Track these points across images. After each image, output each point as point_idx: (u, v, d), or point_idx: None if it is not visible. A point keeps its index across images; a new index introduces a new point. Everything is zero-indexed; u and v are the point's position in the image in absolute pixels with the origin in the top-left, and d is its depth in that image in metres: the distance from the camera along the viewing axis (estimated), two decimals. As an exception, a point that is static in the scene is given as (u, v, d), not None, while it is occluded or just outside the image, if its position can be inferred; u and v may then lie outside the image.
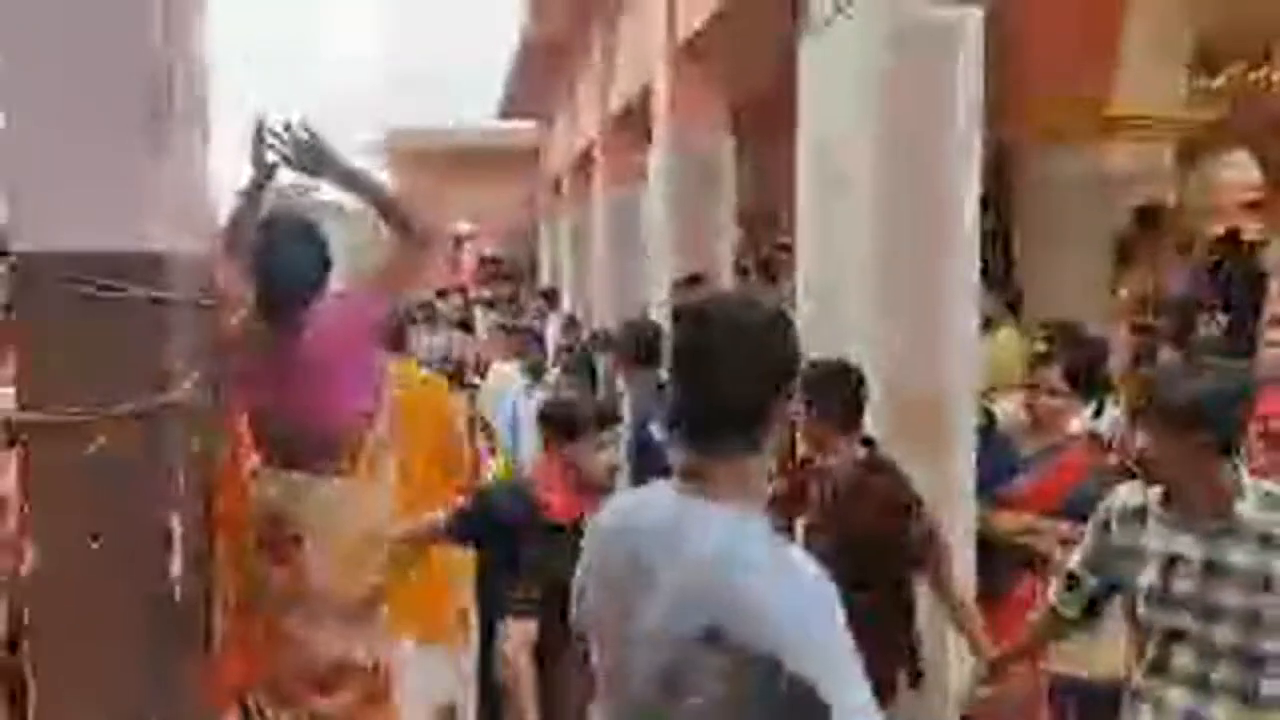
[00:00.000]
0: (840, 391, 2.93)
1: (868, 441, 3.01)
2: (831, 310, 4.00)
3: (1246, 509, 2.02)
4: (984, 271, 4.10)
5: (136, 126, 2.08)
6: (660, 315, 6.07)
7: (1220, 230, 7.78)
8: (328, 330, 2.67)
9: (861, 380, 2.96)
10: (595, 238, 10.86)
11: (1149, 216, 6.46)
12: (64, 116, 2.05)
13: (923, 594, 3.02)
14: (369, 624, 2.78)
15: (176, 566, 2.23)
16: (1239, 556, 2.02)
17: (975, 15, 3.72)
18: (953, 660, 3.26)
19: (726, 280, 6.93)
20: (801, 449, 3.12)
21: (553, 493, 2.72)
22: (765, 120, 6.85)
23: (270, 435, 2.74)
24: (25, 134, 2.06)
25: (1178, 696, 2.09)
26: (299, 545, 2.68)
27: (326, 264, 2.75)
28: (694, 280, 5.66)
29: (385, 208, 2.77)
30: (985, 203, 3.86)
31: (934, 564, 2.90)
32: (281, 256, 2.64)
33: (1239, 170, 8.15)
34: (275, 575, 2.70)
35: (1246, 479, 2.06)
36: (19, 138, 2.07)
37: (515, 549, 2.59)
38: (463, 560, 3.17)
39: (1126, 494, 2.23)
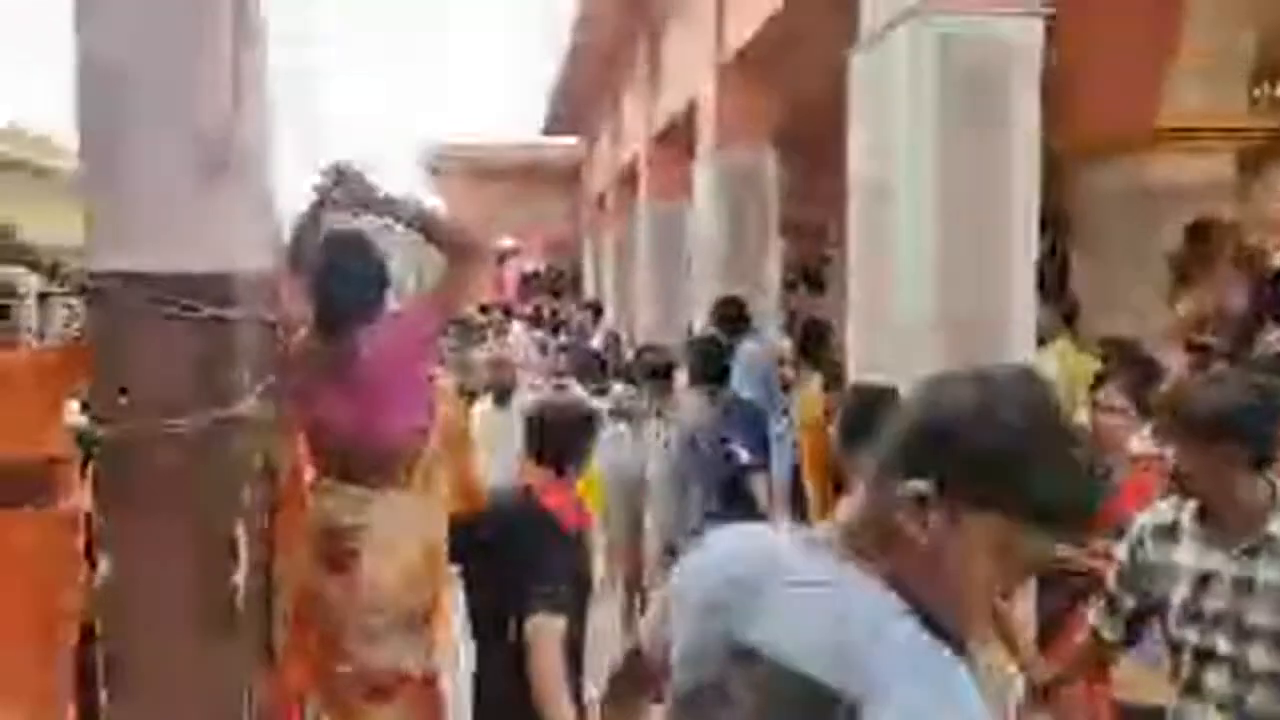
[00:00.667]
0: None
1: None
2: (884, 324, 3.97)
3: (1278, 526, 1.98)
4: (1039, 285, 4.06)
5: (209, 147, 2.13)
6: (702, 328, 6.08)
7: (1280, 242, 7.60)
8: (384, 347, 2.71)
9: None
10: (639, 252, 10.89)
11: (1204, 231, 6.33)
12: (139, 138, 2.10)
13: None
14: (423, 636, 2.80)
15: (240, 576, 2.26)
16: (1271, 574, 1.97)
17: (1034, 27, 3.69)
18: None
19: (773, 293, 6.91)
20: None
21: (550, 496, 2.85)
22: (812, 132, 6.83)
23: (328, 450, 2.78)
24: (102, 155, 2.12)
25: (1213, 718, 2.04)
26: (356, 558, 2.71)
27: (384, 282, 2.81)
28: (730, 302, 5.65)
29: (432, 232, 2.81)
30: (1041, 217, 3.83)
31: None
32: (340, 275, 2.70)
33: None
34: (331, 587, 2.73)
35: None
36: (96, 160, 2.13)
37: (532, 551, 2.67)
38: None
39: (1160, 510, 2.19)
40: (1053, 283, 7.22)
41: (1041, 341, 5.62)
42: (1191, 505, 2.12)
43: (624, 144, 12.29)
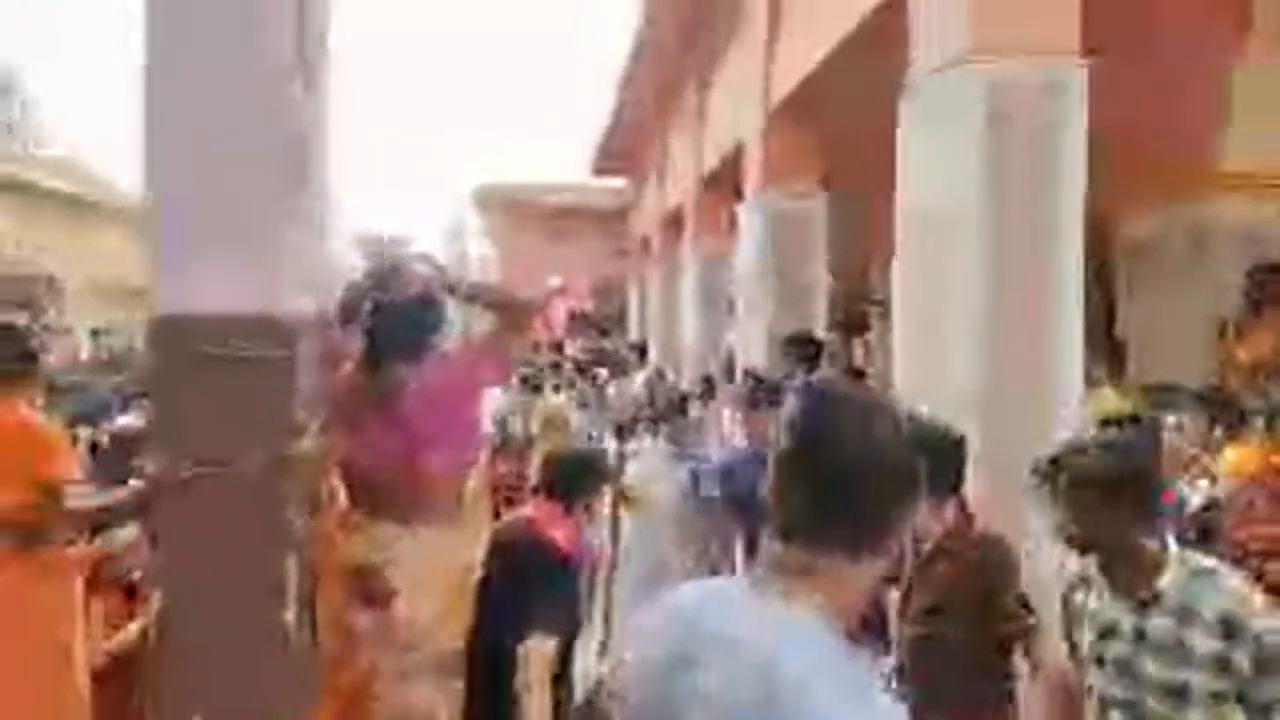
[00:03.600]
0: (944, 458, 2.87)
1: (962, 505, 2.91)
2: (931, 368, 3.95)
3: (1168, 581, 2.05)
4: (1086, 331, 4.02)
5: (274, 194, 2.20)
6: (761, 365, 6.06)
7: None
8: (430, 387, 2.75)
9: (962, 444, 2.88)
10: (684, 295, 10.94)
11: (1264, 276, 6.23)
12: (208, 184, 2.18)
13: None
14: (454, 680, 2.79)
15: (290, 614, 2.29)
16: (1160, 627, 2.04)
17: (1079, 73, 3.68)
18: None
19: (820, 335, 6.90)
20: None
21: (553, 528, 2.97)
22: (858, 177, 6.84)
23: (363, 484, 2.81)
24: (172, 201, 2.19)
25: None
26: (391, 595, 2.72)
27: (434, 324, 2.85)
28: (806, 340, 5.60)
29: (483, 302, 2.92)
30: (1088, 262, 3.80)
31: (1027, 639, 2.80)
32: (391, 313, 2.75)
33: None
34: (364, 624, 2.74)
35: (1173, 550, 2.09)
36: (167, 205, 2.20)
37: (531, 578, 2.80)
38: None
39: (1079, 559, 2.26)
40: (1098, 329, 7.15)
41: (1094, 385, 5.56)
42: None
43: (671, 186, 12.39)
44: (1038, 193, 3.66)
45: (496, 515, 4.03)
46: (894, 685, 2.85)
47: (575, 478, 3.10)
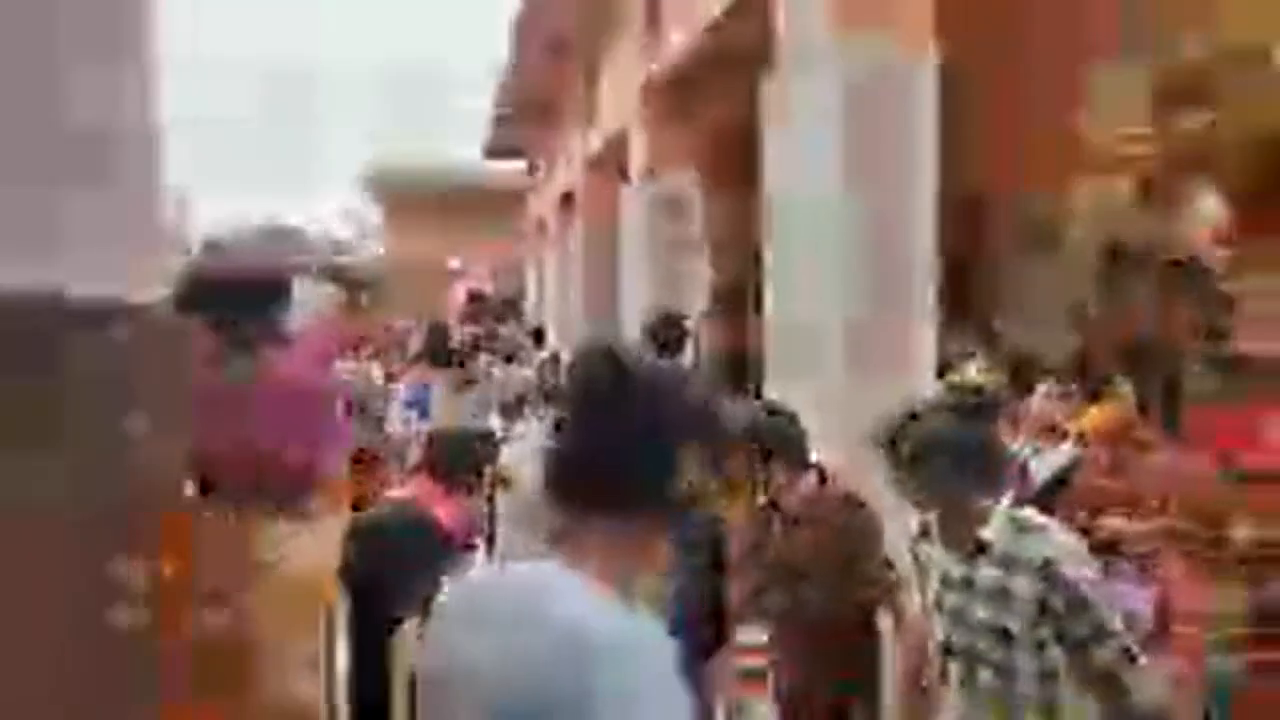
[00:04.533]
0: (789, 433, 2.98)
1: (821, 474, 3.04)
2: (798, 348, 4.07)
3: (993, 533, 2.22)
4: (956, 311, 4.22)
5: (53, 183, 2.11)
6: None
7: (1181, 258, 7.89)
8: (285, 370, 2.71)
9: (796, 419, 3.03)
10: (575, 275, 10.97)
11: (1116, 254, 6.59)
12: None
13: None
14: (316, 674, 2.78)
15: (125, 617, 2.24)
16: (987, 575, 2.22)
17: (930, 61, 3.82)
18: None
19: (696, 316, 7.03)
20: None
21: (437, 507, 2.97)
22: (737, 158, 6.97)
23: (221, 480, 2.76)
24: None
25: (954, 704, 2.33)
26: (246, 592, 2.68)
27: (285, 307, 2.79)
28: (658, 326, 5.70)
29: (337, 279, 2.86)
30: (956, 242, 3.99)
31: (890, 597, 2.91)
32: (239, 298, 2.68)
33: (1207, 204, 8.24)
34: (215, 623, 2.68)
35: (1002, 506, 2.26)
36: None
37: (411, 557, 2.76)
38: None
39: (921, 515, 2.44)
40: (977, 307, 7.45)
41: (951, 364, 5.80)
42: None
43: (562, 169, 12.39)
44: (894, 180, 3.80)
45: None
46: (767, 655, 2.95)
47: (457, 457, 3.09)
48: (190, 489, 2.79)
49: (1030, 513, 2.30)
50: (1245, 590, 3.33)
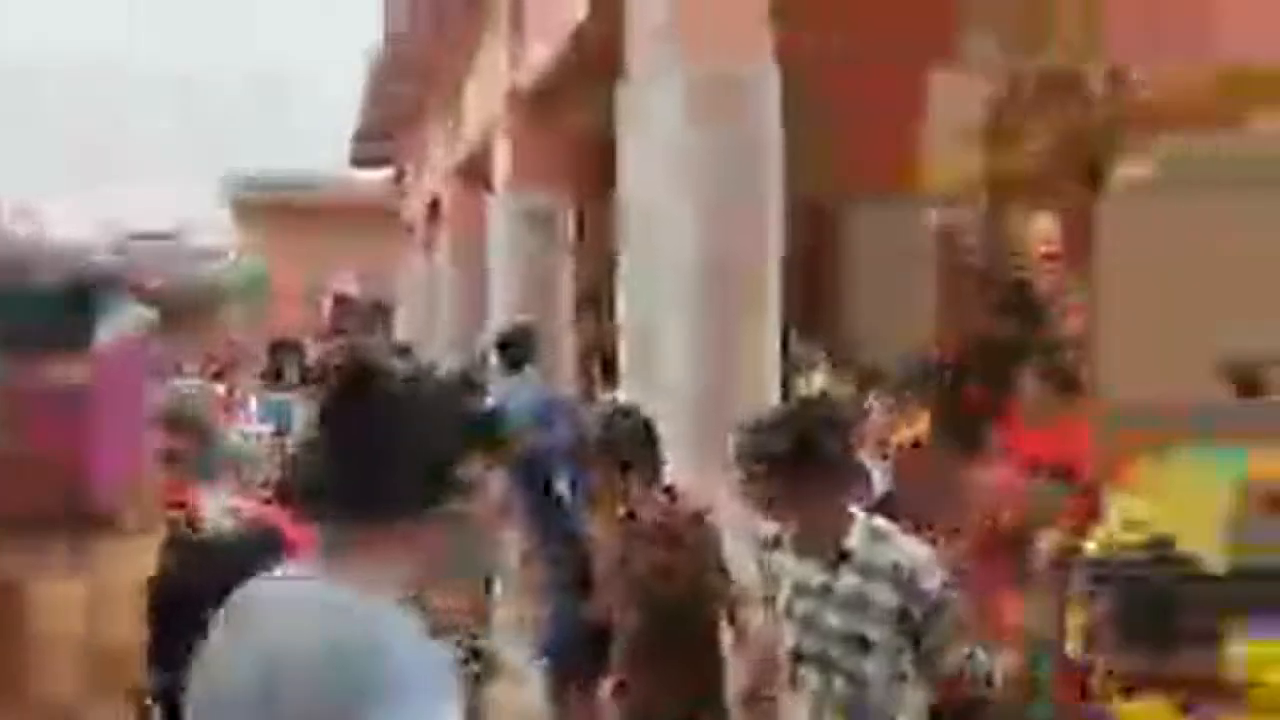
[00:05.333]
0: (643, 444, 3.02)
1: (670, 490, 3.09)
2: (651, 358, 4.19)
3: (856, 542, 2.25)
4: (808, 318, 4.39)
5: None
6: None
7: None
8: (86, 383, 2.58)
9: (652, 427, 3.05)
10: (443, 285, 10.91)
11: (956, 268, 6.97)
12: None
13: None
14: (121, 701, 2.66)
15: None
16: (846, 583, 2.24)
17: (772, 70, 4.01)
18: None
19: (563, 324, 7.12)
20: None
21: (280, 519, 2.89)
22: (598, 166, 7.10)
23: (16, 499, 2.59)
24: None
25: (806, 713, 2.33)
26: (45, 616, 2.54)
27: (85, 316, 2.66)
28: (506, 341, 5.77)
29: (150, 296, 2.79)
30: (808, 252, 4.14)
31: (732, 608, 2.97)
32: (29, 306, 2.57)
33: (1040, 223, 8.77)
34: (19, 652, 2.55)
35: (858, 513, 2.30)
36: None
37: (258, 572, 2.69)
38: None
39: (772, 523, 2.44)
40: (822, 317, 7.74)
41: (811, 368, 6.03)
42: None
43: (429, 180, 12.30)
44: (739, 186, 3.96)
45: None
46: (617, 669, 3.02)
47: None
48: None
49: (884, 521, 2.34)
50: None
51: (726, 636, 2.99)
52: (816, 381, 5.82)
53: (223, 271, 16.94)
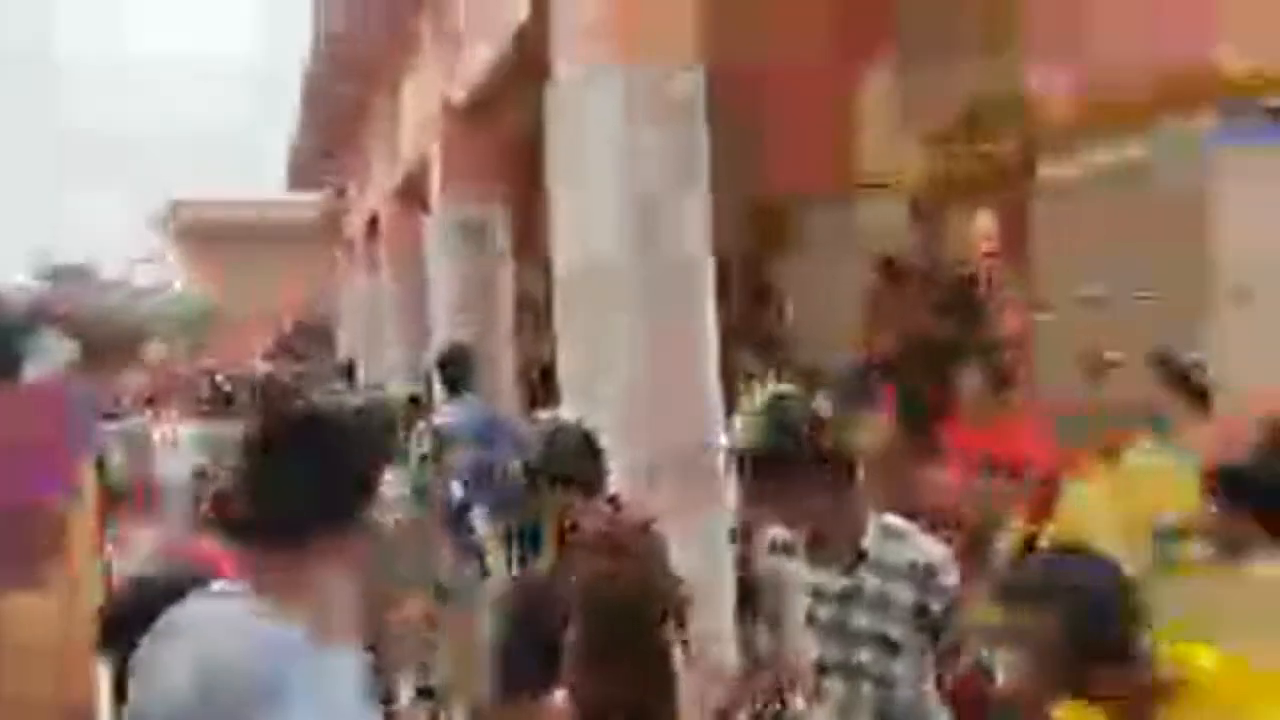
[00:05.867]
0: (584, 456, 3.00)
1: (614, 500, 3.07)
2: (594, 363, 4.14)
3: (872, 541, 2.21)
4: (753, 326, 4.39)
5: None
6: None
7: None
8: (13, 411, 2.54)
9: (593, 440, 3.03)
10: (385, 303, 10.80)
11: (891, 268, 7.05)
12: None
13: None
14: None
15: None
16: (869, 583, 2.20)
17: (697, 78, 4.01)
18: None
19: (504, 336, 7.06)
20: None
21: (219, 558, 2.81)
22: (533, 174, 7.09)
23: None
24: None
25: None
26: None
27: (8, 345, 2.64)
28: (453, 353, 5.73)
29: (72, 330, 2.74)
30: (747, 260, 4.13)
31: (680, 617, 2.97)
32: None
33: (979, 221, 8.90)
34: None
35: (870, 512, 2.24)
36: None
37: None
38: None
39: (783, 530, 2.38)
40: (767, 324, 7.78)
41: (751, 377, 6.03)
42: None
43: (368, 199, 12.20)
44: (669, 191, 3.95)
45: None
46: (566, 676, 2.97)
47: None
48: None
49: (896, 519, 2.27)
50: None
51: (675, 645, 2.96)
52: (765, 390, 5.80)
53: (157, 303, 16.69)
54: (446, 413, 5.11)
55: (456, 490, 4.40)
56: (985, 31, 6.15)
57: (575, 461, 2.94)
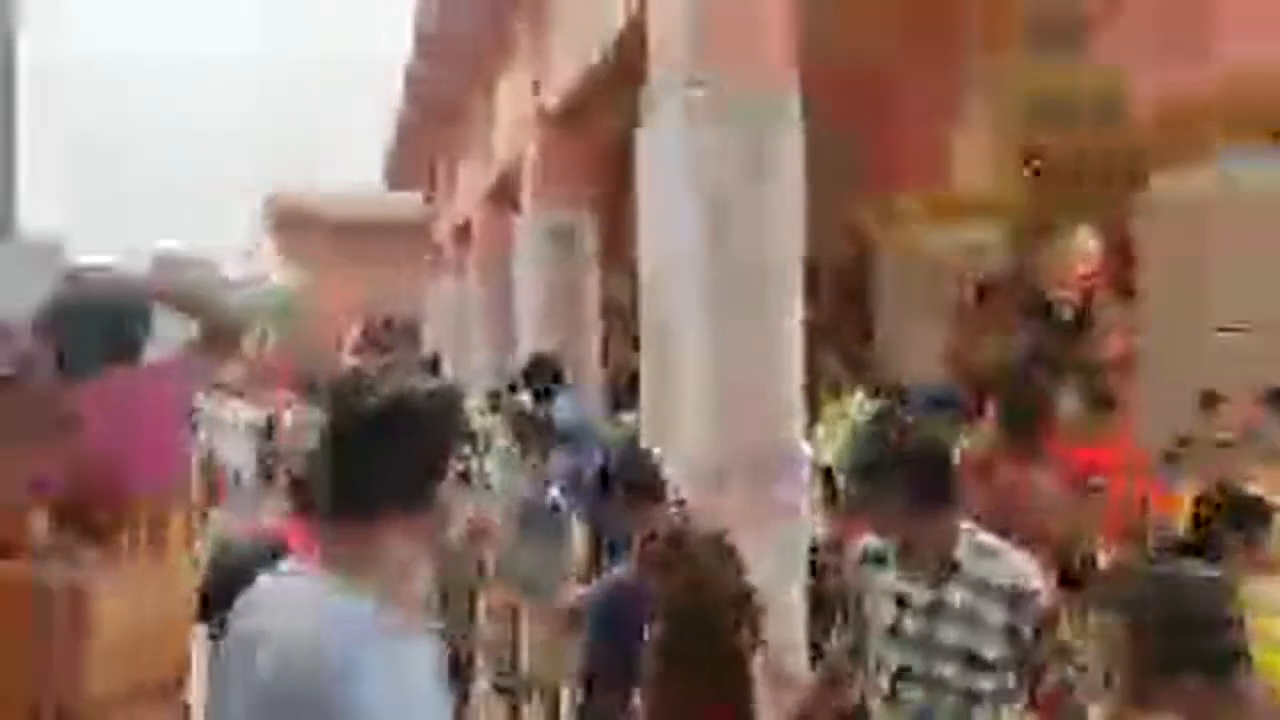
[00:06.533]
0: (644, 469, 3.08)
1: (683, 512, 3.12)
2: (669, 374, 4.13)
3: (964, 556, 2.18)
4: (840, 334, 4.34)
5: None
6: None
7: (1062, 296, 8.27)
8: (118, 399, 2.65)
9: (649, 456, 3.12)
10: (471, 307, 10.95)
11: (988, 289, 6.88)
12: None
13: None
14: (164, 709, 2.68)
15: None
16: (958, 598, 2.17)
17: (793, 97, 3.97)
18: None
19: (590, 341, 7.09)
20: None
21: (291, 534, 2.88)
22: (624, 181, 7.11)
23: (59, 506, 2.67)
24: None
25: None
26: (83, 623, 2.57)
27: (128, 333, 2.74)
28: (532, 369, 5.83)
29: (187, 310, 2.84)
30: (843, 274, 4.07)
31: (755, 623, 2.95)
32: (78, 322, 2.65)
33: (1078, 243, 8.67)
34: (55, 655, 2.58)
35: (964, 526, 2.21)
36: None
37: None
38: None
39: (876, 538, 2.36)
40: (856, 337, 7.66)
41: (837, 386, 5.95)
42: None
43: (460, 199, 12.38)
44: (752, 195, 3.91)
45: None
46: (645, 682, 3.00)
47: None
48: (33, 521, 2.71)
49: (987, 535, 2.25)
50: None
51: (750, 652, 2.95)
52: (856, 401, 5.72)
53: (257, 295, 17.27)
54: (543, 417, 5.21)
55: (553, 492, 4.46)
56: (1084, 33, 5.96)
57: (646, 469, 3.03)
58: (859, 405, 5.69)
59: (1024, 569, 2.17)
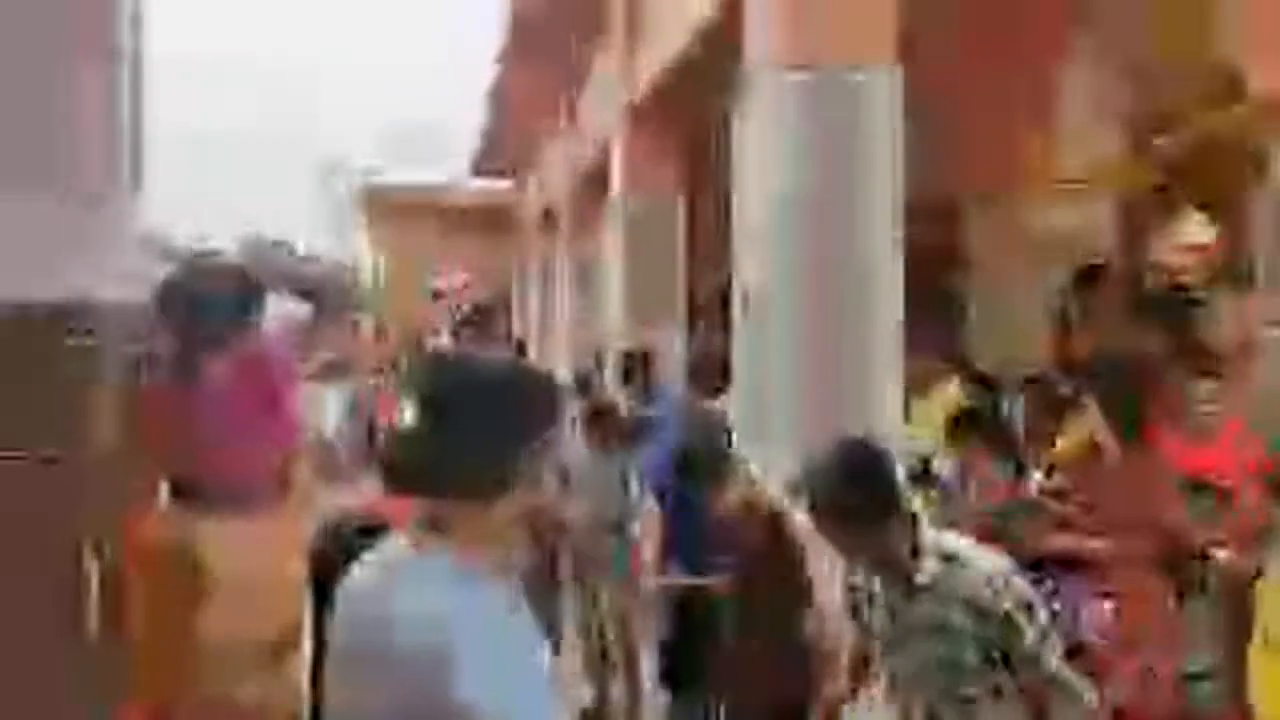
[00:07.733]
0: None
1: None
2: (761, 360, 4.10)
3: (928, 567, 2.15)
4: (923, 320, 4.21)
5: (51, 174, 2.16)
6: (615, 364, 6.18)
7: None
8: (239, 377, 2.75)
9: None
10: (558, 293, 11.03)
11: (1091, 274, 6.61)
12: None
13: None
14: (282, 671, 2.78)
15: (93, 619, 2.24)
16: (923, 610, 2.16)
17: (893, 74, 3.88)
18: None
19: (678, 330, 7.08)
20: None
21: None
22: (715, 171, 7.05)
23: (176, 477, 2.79)
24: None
25: None
26: (204, 589, 2.68)
27: (241, 310, 2.84)
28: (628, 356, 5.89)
29: (299, 290, 2.91)
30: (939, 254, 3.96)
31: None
32: (191, 300, 2.75)
33: (1191, 226, 8.29)
34: (178, 620, 2.68)
35: (929, 535, 2.19)
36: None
37: None
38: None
39: None
40: (949, 322, 7.47)
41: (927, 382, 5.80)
42: None
43: (547, 185, 12.45)
44: (849, 188, 3.85)
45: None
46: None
47: None
48: (159, 492, 2.83)
49: (955, 540, 2.25)
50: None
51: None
52: (949, 392, 5.57)
53: (352, 275, 17.70)
54: (635, 406, 5.25)
55: (633, 487, 4.49)
56: (1197, 12, 5.67)
57: (715, 455, 3.12)
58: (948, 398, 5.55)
59: (984, 568, 2.15)
